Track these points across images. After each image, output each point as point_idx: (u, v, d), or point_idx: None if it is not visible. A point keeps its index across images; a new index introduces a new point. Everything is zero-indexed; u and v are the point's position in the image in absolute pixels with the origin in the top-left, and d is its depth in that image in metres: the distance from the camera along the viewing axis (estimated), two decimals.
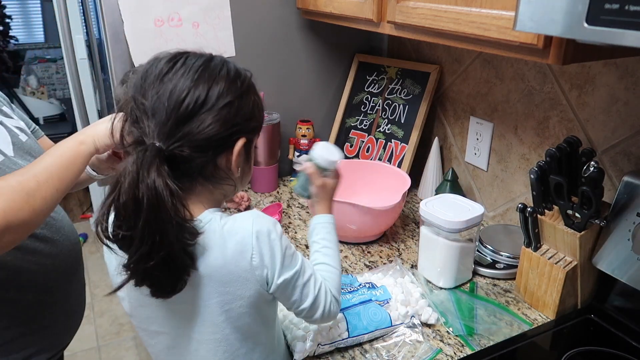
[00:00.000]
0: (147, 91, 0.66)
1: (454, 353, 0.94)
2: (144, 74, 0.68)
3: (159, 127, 0.64)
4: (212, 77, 0.67)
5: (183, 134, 0.64)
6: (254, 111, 0.73)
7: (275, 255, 0.70)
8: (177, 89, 0.65)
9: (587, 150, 0.97)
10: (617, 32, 0.55)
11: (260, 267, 0.69)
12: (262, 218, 0.71)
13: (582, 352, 0.94)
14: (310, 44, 1.61)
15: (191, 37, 1.37)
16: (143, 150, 0.62)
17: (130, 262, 0.64)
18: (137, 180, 0.60)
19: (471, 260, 1.14)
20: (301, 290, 0.75)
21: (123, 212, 0.61)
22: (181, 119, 0.64)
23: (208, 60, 0.70)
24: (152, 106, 0.65)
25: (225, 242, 0.68)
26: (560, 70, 1.12)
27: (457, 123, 1.48)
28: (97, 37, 1.56)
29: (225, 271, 0.69)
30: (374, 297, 0.99)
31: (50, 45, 4.72)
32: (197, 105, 0.65)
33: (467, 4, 0.87)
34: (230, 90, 0.68)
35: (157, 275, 0.65)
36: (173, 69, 0.67)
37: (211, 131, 0.66)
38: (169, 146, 0.64)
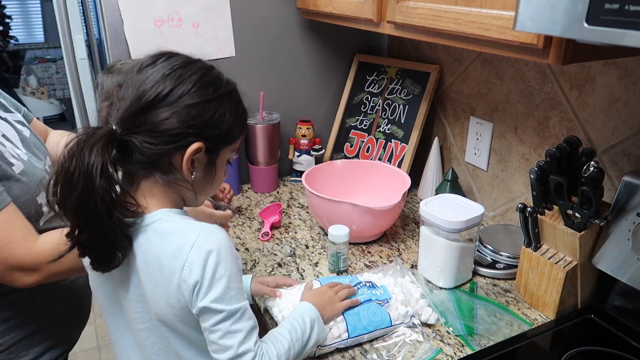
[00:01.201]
0: (126, 79, 0.70)
1: (454, 353, 0.94)
2: (134, 65, 0.72)
3: (121, 112, 0.68)
4: (182, 76, 0.69)
5: (139, 123, 0.67)
6: (219, 121, 0.72)
7: (205, 275, 0.68)
8: (147, 80, 0.68)
9: (587, 150, 0.97)
10: (617, 32, 0.55)
11: (187, 280, 0.68)
12: (213, 235, 0.70)
13: (582, 352, 0.94)
14: (310, 44, 1.61)
15: (191, 37, 1.37)
16: (94, 129, 0.66)
17: (69, 231, 0.68)
18: (76, 154, 0.64)
19: (471, 260, 1.14)
20: (222, 336, 0.70)
21: (60, 181, 0.65)
22: (141, 107, 0.67)
23: (189, 62, 0.72)
24: (122, 93, 0.69)
25: (165, 243, 0.70)
26: (560, 70, 1.12)
27: (457, 123, 1.48)
28: (97, 37, 1.56)
29: (161, 273, 0.69)
30: (374, 297, 0.99)
31: (50, 45, 4.72)
32: (158, 98, 0.68)
33: (467, 4, 0.87)
34: (196, 93, 0.69)
35: (92, 248, 0.68)
36: (154, 64, 0.70)
37: (165, 125, 0.67)
38: (123, 131, 0.67)
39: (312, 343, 0.85)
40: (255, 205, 1.52)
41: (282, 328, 0.82)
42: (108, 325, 0.84)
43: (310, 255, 1.25)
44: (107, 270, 0.71)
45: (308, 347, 0.84)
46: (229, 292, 0.70)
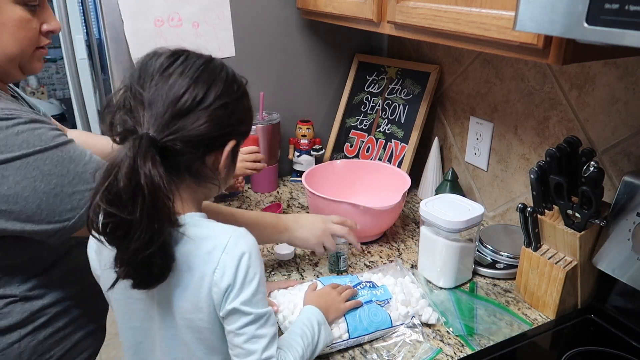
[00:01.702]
0: (145, 82, 0.67)
1: (454, 353, 0.94)
2: (143, 66, 0.69)
3: (154, 118, 0.65)
4: (212, 78, 0.69)
5: (177, 128, 0.65)
6: (246, 116, 0.75)
7: (237, 278, 0.68)
8: (177, 84, 0.66)
9: (587, 150, 0.97)
10: (617, 32, 0.55)
11: (219, 284, 0.68)
12: (244, 238, 0.70)
13: (582, 352, 0.94)
14: (310, 44, 1.61)
15: (191, 37, 1.37)
16: (138, 139, 0.62)
17: (127, 252, 0.63)
18: (134, 168, 0.61)
19: (471, 260, 1.14)
20: (247, 340, 0.70)
21: (122, 198, 0.61)
22: (177, 113, 0.65)
23: (208, 61, 0.72)
24: (149, 97, 0.66)
25: (196, 248, 0.69)
26: (560, 70, 1.12)
27: (457, 123, 1.48)
28: (97, 37, 1.56)
29: (192, 276, 0.69)
30: (374, 298, 0.99)
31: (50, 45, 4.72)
32: (195, 103, 0.66)
33: (467, 4, 0.87)
34: (226, 93, 0.69)
35: (149, 264, 0.65)
36: (174, 65, 0.68)
37: (205, 129, 0.66)
38: (163, 138, 0.64)
39: (320, 348, 0.85)
40: (255, 205, 1.52)
41: (294, 334, 0.82)
42: (123, 330, 0.81)
43: (310, 256, 1.25)
44: (157, 284, 0.68)
45: (317, 351, 0.84)
46: (257, 296, 0.70)
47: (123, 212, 0.61)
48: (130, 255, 0.63)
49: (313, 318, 0.86)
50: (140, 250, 0.63)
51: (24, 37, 0.82)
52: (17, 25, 0.80)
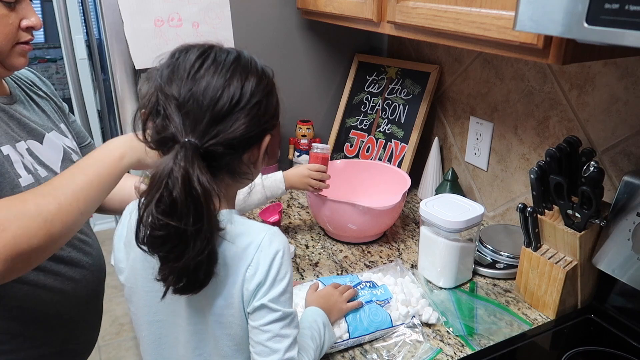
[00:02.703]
0: (178, 85, 0.65)
1: (454, 353, 0.94)
2: (172, 68, 0.67)
3: (193, 125, 0.64)
4: (244, 76, 0.68)
5: (217, 132, 0.64)
6: (277, 108, 0.74)
7: (269, 275, 0.68)
8: (212, 86, 0.65)
9: (587, 150, 0.97)
10: (617, 32, 0.55)
11: (251, 280, 0.68)
12: (278, 236, 0.71)
13: (582, 352, 0.94)
14: (310, 44, 1.61)
15: (191, 37, 1.37)
16: (183, 148, 0.62)
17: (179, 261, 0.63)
18: (188, 177, 0.60)
19: (471, 260, 1.14)
20: (271, 338, 0.69)
21: (178, 208, 0.60)
22: (216, 117, 0.64)
23: (238, 57, 0.70)
24: (186, 102, 0.64)
25: (231, 245, 0.69)
26: (560, 70, 1.12)
27: (457, 123, 1.48)
28: (97, 37, 1.56)
29: (224, 272, 0.69)
30: (374, 297, 0.99)
31: (50, 45, 4.71)
32: (232, 105, 0.65)
33: (467, 4, 0.87)
34: (259, 90, 0.68)
35: (197, 271, 0.65)
36: (204, 65, 0.66)
37: (244, 130, 0.66)
38: (204, 144, 0.64)
39: (325, 349, 0.85)
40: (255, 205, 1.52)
41: (304, 336, 0.81)
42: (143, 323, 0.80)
43: (310, 255, 1.25)
44: (201, 289, 0.67)
45: (322, 353, 0.84)
46: (285, 294, 0.70)
47: (180, 222, 0.60)
48: (183, 264, 0.63)
49: (319, 320, 0.86)
50: (194, 258, 0.62)
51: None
52: None
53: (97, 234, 1.01)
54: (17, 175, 0.84)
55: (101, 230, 3.30)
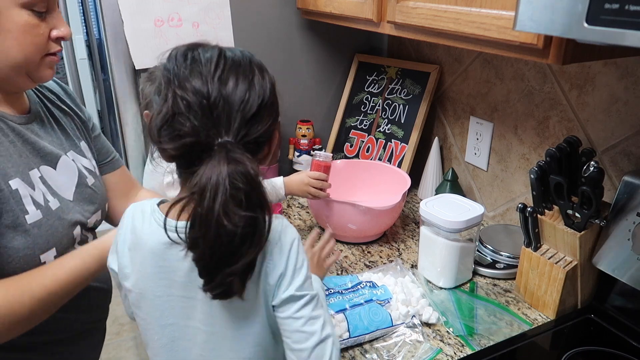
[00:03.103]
0: (204, 89, 0.64)
1: (454, 353, 0.94)
2: (193, 67, 0.66)
3: (226, 126, 0.64)
4: (261, 72, 0.69)
5: (246, 132, 0.65)
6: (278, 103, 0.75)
7: (289, 266, 0.69)
8: (239, 88, 0.65)
9: (587, 150, 0.97)
10: (617, 32, 0.55)
11: (271, 273, 0.69)
12: (288, 227, 0.72)
13: (582, 352, 0.94)
14: (310, 44, 1.61)
15: (191, 37, 1.36)
16: (224, 148, 0.62)
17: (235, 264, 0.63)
18: (247, 172, 0.61)
19: (471, 260, 1.14)
20: (306, 322, 0.70)
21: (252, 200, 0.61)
22: (246, 117, 0.65)
23: (251, 56, 0.72)
24: (215, 105, 0.64)
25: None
26: (560, 70, 1.12)
27: (457, 123, 1.48)
28: (97, 37, 1.56)
29: None
30: (374, 297, 0.99)
31: None
32: (257, 105, 0.66)
33: (467, 3, 0.87)
34: (270, 87, 0.70)
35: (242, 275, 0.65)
36: (225, 67, 0.67)
37: (266, 127, 0.67)
38: (238, 142, 0.65)
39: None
40: None
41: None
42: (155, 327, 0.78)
43: None
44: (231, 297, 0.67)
45: None
46: (308, 279, 0.71)
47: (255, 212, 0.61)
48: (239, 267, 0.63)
49: (317, 286, 0.86)
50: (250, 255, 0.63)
51: (29, 42, 0.78)
52: (21, 30, 0.76)
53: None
54: (24, 211, 0.80)
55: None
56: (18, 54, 0.78)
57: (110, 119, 1.64)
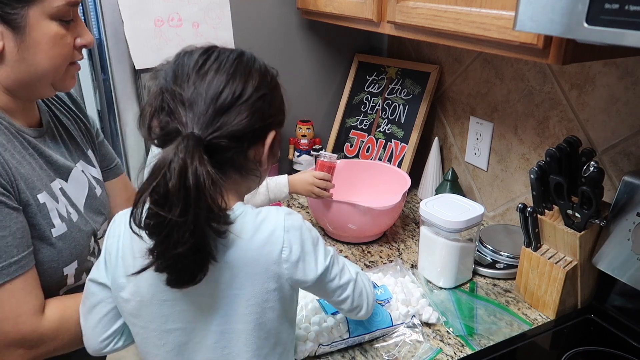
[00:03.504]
0: (182, 82, 0.67)
1: (454, 353, 0.94)
2: (176, 66, 0.69)
3: (197, 117, 0.65)
4: (247, 71, 0.70)
5: (221, 125, 0.66)
6: (282, 105, 0.77)
7: (305, 249, 0.72)
8: (215, 81, 0.67)
9: (587, 150, 0.97)
10: (617, 32, 0.55)
11: (289, 259, 0.70)
12: (293, 213, 0.73)
13: (582, 352, 0.94)
14: (310, 44, 1.61)
15: (191, 37, 1.37)
16: (185, 139, 0.62)
17: (159, 247, 0.63)
18: (185, 167, 0.60)
19: (471, 260, 1.14)
20: (339, 277, 0.78)
21: (169, 198, 0.60)
22: (219, 110, 0.66)
23: (241, 54, 0.72)
24: (189, 97, 0.66)
25: (256, 233, 0.69)
26: (560, 70, 1.12)
27: (457, 123, 1.48)
28: (97, 37, 1.56)
29: (255, 263, 0.69)
30: (375, 297, 0.99)
31: None
32: (235, 98, 0.67)
33: (467, 4, 0.87)
34: (263, 84, 0.70)
35: (181, 263, 0.64)
36: (208, 62, 0.69)
37: (247, 122, 0.67)
38: (207, 136, 0.65)
39: None
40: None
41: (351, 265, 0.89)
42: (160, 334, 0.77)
43: None
44: (188, 286, 0.67)
45: None
46: (325, 252, 0.76)
47: (169, 212, 0.61)
48: (164, 250, 0.63)
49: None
50: (173, 247, 0.62)
51: (58, 54, 0.78)
52: (52, 41, 0.76)
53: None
54: (51, 225, 0.81)
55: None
56: (48, 65, 0.77)
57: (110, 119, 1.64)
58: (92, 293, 0.78)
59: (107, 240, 0.76)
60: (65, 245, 0.82)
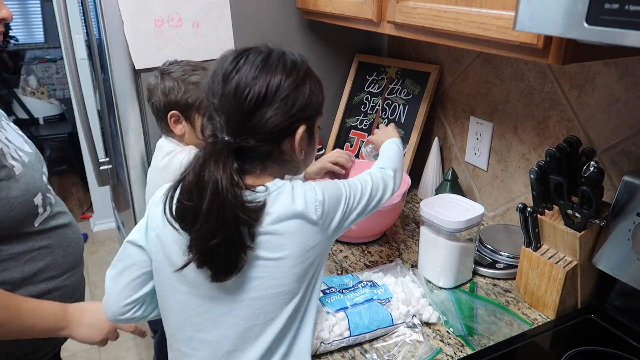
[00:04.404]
0: (215, 91, 0.74)
1: (454, 353, 0.94)
2: (213, 75, 0.76)
3: (227, 124, 0.73)
4: (270, 73, 0.74)
5: (248, 128, 0.72)
6: (310, 99, 0.79)
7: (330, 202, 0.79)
8: (240, 86, 0.73)
9: (587, 150, 0.97)
10: (617, 32, 0.55)
11: (324, 215, 0.77)
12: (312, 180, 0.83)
13: (582, 352, 0.94)
14: (310, 44, 1.61)
15: (191, 37, 1.37)
16: (213, 143, 0.72)
17: (194, 240, 0.71)
18: (202, 166, 0.69)
19: (471, 260, 1.14)
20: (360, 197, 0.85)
21: (190, 190, 0.70)
22: (245, 114, 0.72)
23: (267, 56, 0.77)
24: (220, 105, 0.73)
25: (293, 200, 0.75)
26: (560, 70, 1.12)
27: (457, 123, 1.48)
28: (97, 37, 1.55)
29: (294, 225, 0.75)
30: (375, 296, 0.99)
31: (50, 45, 4.71)
32: (258, 102, 0.72)
33: (467, 3, 0.87)
34: (286, 83, 0.74)
35: (219, 255, 0.71)
36: (235, 69, 0.74)
37: (272, 123, 0.73)
38: (237, 139, 0.72)
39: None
40: None
41: (382, 159, 1.02)
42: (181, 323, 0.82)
43: None
44: (231, 276, 0.73)
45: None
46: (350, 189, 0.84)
47: (190, 201, 0.69)
48: (198, 243, 0.71)
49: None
50: (205, 239, 0.70)
51: None
52: None
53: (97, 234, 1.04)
54: (12, 166, 0.92)
55: (101, 230, 3.30)
56: None
57: (110, 119, 1.64)
58: (128, 254, 0.84)
59: (151, 208, 0.83)
60: (28, 180, 0.93)
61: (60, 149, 4.05)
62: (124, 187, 1.56)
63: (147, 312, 0.88)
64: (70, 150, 3.89)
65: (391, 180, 0.94)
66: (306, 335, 0.82)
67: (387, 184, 0.93)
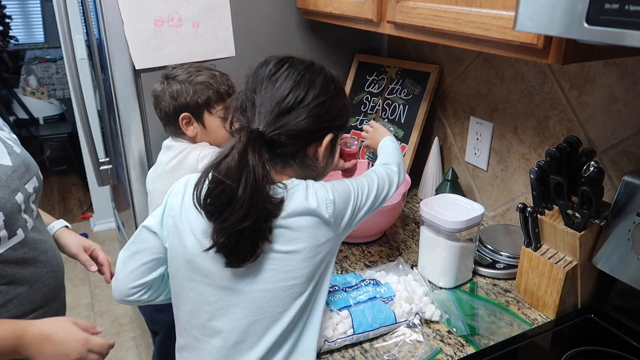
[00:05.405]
0: (257, 87, 0.80)
1: (454, 353, 0.94)
2: (255, 74, 0.82)
3: (263, 116, 0.78)
4: (312, 80, 0.80)
5: (282, 124, 0.77)
6: (342, 111, 0.86)
7: (340, 200, 0.82)
8: (282, 87, 0.79)
9: (587, 150, 0.98)
10: (617, 32, 0.55)
11: (335, 212, 0.81)
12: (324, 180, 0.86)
13: (582, 352, 0.94)
14: (310, 44, 1.61)
15: (191, 37, 1.37)
16: (249, 132, 0.76)
17: (223, 221, 0.74)
18: (245, 152, 0.73)
19: (471, 260, 1.14)
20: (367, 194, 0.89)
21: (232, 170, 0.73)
22: (282, 111, 0.78)
23: (309, 65, 0.83)
24: (260, 100, 0.79)
25: (307, 198, 0.79)
26: (560, 70, 1.12)
27: (457, 123, 1.48)
28: (97, 37, 1.55)
29: (306, 222, 0.78)
30: (378, 294, 1.00)
31: (50, 45, 4.72)
32: (296, 102, 0.78)
33: (467, 3, 0.87)
34: (323, 93, 0.81)
35: (241, 241, 0.74)
36: (280, 71, 0.80)
37: (304, 124, 0.78)
38: (270, 132, 0.77)
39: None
40: None
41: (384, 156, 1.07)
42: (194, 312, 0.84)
43: None
44: (247, 263, 0.77)
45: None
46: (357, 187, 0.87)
47: (232, 180, 0.72)
48: (228, 226, 0.74)
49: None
50: (238, 222, 0.73)
51: None
52: None
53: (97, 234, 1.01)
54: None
55: (101, 230, 3.30)
56: None
57: (110, 119, 1.64)
58: (142, 239, 0.88)
59: (169, 197, 0.86)
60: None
61: (60, 149, 4.06)
62: (124, 187, 1.56)
63: (154, 296, 0.92)
64: (70, 150, 3.90)
65: (395, 175, 0.97)
66: (313, 332, 0.84)
67: (392, 179, 0.95)
